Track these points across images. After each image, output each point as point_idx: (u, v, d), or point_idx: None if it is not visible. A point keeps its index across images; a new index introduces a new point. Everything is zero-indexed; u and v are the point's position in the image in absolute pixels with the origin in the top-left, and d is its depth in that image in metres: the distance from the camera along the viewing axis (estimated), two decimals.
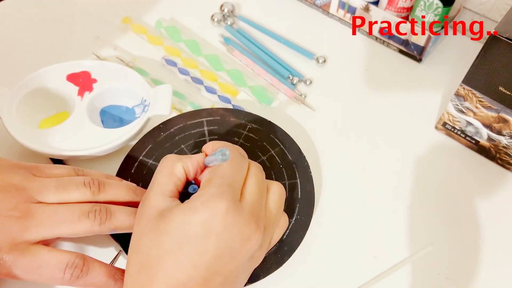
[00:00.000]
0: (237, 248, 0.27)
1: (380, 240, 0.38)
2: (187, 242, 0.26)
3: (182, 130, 0.41)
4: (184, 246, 0.26)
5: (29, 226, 0.30)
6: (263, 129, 0.42)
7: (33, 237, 0.30)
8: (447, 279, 0.36)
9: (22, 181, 0.31)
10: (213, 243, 0.26)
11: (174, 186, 0.30)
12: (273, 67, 0.50)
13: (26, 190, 0.31)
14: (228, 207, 0.27)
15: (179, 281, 0.26)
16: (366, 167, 0.43)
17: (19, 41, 0.51)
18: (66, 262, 0.30)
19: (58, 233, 0.30)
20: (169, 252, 0.26)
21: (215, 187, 0.28)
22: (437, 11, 0.49)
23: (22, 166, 0.33)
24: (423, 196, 0.41)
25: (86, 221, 0.30)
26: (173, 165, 0.30)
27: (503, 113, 0.39)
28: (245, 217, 0.27)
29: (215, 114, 0.43)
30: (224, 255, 0.26)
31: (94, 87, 0.42)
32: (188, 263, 0.26)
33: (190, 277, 0.26)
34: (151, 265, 0.26)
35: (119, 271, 0.32)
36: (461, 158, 0.44)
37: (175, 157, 0.31)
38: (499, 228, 0.40)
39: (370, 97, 0.49)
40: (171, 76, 0.49)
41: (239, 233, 0.27)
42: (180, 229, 0.26)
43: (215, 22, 0.54)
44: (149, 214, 0.28)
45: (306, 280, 0.36)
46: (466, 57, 0.48)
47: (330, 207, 0.40)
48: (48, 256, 0.30)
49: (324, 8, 0.56)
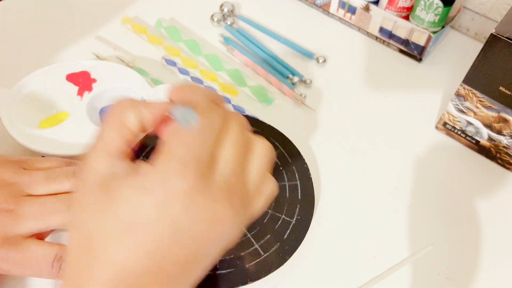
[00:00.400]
0: (202, 232, 0.22)
1: (380, 240, 0.38)
2: (138, 227, 0.21)
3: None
4: (134, 231, 0.21)
5: (19, 219, 0.29)
6: (262, 132, 0.42)
7: (25, 230, 0.30)
8: (447, 279, 0.36)
9: (12, 175, 0.31)
10: (171, 228, 0.21)
11: (123, 142, 0.23)
12: (273, 67, 0.50)
13: (16, 184, 0.31)
14: (190, 186, 0.21)
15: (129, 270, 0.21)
16: (366, 167, 0.43)
17: (19, 41, 0.51)
18: (53, 255, 0.29)
19: (50, 224, 0.30)
20: (116, 236, 0.21)
21: (176, 160, 0.21)
22: (437, 11, 0.48)
23: (12, 160, 0.33)
24: (423, 196, 0.41)
25: None
26: (122, 113, 0.23)
27: (504, 113, 0.39)
28: (215, 196, 0.22)
29: None
30: (185, 241, 0.22)
31: (93, 87, 0.42)
32: (139, 250, 0.21)
33: (143, 267, 0.21)
34: (93, 247, 0.21)
35: None
36: (461, 158, 0.44)
37: (128, 101, 0.24)
38: (499, 228, 0.39)
39: (370, 97, 0.49)
40: (171, 76, 0.49)
41: (205, 216, 0.22)
42: (129, 212, 0.21)
43: (215, 22, 0.54)
44: (90, 182, 0.22)
45: (306, 280, 0.36)
46: (466, 57, 0.48)
47: (330, 208, 0.40)
48: (36, 249, 0.29)
49: (324, 7, 0.56)
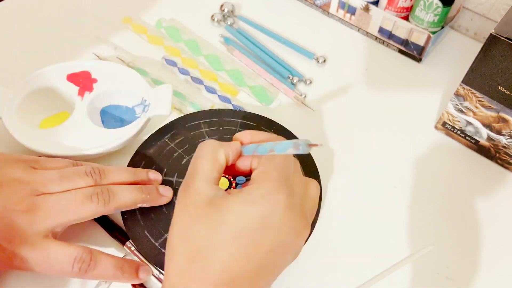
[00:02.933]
0: (289, 242, 0.27)
1: (380, 240, 0.38)
2: (245, 234, 0.25)
3: (182, 132, 0.41)
4: (241, 238, 0.25)
5: (35, 218, 0.30)
6: (267, 129, 0.42)
7: (42, 229, 0.30)
8: (447, 279, 0.36)
9: (24, 175, 0.32)
10: (270, 236, 0.26)
11: (218, 174, 0.29)
12: (273, 67, 0.50)
13: (29, 183, 0.31)
14: (287, 202, 0.26)
15: (233, 272, 0.25)
16: (366, 167, 0.43)
17: (19, 41, 0.51)
18: (74, 257, 0.30)
19: (65, 220, 0.31)
20: (225, 243, 0.25)
21: (274, 180, 0.27)
22: (437, 11, 0.49)
23: (21, 159, 0.33)
24: (423, 196, 0.41)
25: (90, 204, 0.31)
26: (215, 151, 0.29)
27: (503, 113, 0.39)
28: (298, 213, 0.27)
29: (215, 115, 0.43)
30: (277, 249, 0.26)
31: (94, 87, 0.42)
32: (243, 255, 0.25)
33: (243, 270, 0.25)
34: (204, 254, 0.25)
35: (126, 263, 0.32)
36: (461, 157, 0.44)
37: (216, 143, 0.30)
38: (499, 228, 0.40)
39: (370, 97, 0.49)
40: (171, 76, 0.49)
41: (294, 228, 0.27)
42: (239, 220, 0.26)
43: (215, 22, 0.54)
44: (198, 201, 0.27)
45: (306, 279, 0.36)
46: (466, 57, 0.48)
47: (330, 208, 0.40)
48: (56, 250, 0.30)
49: (324, 8, 0.56)
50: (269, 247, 0.26)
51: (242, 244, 0.25)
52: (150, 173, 0.37)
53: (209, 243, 0.25)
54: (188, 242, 0.26)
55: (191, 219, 0.26)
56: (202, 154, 0.29)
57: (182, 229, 0.27)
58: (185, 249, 0.26)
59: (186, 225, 0.27)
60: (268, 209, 0.26)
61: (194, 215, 0.26)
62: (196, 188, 0.27)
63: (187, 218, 0.27)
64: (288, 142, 0.27)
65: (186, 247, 0.26)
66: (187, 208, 0.27)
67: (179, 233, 0.27)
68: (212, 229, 0.26)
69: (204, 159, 0.29)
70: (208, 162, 0.28)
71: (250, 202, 0.26)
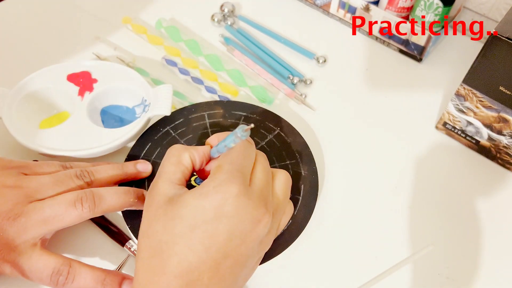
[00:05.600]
0: (247, 230, 0.27)
1: (381, 240, 0.38)
2: (199, 226, 0.26)
3: (186, 123, 0.42)
4: (196, 230, 0.26)
5: (22, 227, 0.30)
6: (269, 123, 0.42)
7: (29, 237, 0.30)
8: (447, 279, 0.36)
9: (17, 181, 0.31)
10: (225, 225, 0.27)
11: (181, 175, 0.30)
12: (273, 67, 0.50)
13: (22, 189, 0.31)
14: (239, 190, 0.27)
15: (191, 264, 0.26)
16: (366, 167, 0.43)
17: (19, 41, 0.51)
18: (52, 269, 0.30)
19: (52, 228, 0.31)
20: (181, 236, 0.26)
21: (226, 172, 0.28)
22: (437, 11, 0.49)
23: (11, 165, 0.33)
24: (424, 196, 0.41)
25: (75, 210, 0.31)
26: (180, 154, 0.31)
27: (504, 113, 0.39)
28: (255, 201, 0.28)
29: (217, 107, 0.43)
30: (235, 238, 0.27)
31: (94, 87, 0.42)
32: (200, 246, 0.26)
33: (202, 260, 0.26)
34: (163, 249, 0.26)
35: (109, 276, 0.32)
36: (462, 158, 0.44)
37: (182, 147, 0.31)
38: (500, 228, 0.40)
39: (370, 97, 0.49)
40: (171, 76, 0.49)
41: (250, 216, 0.27)
42: (192, 214, 0.27)
43: (215, 22, 0.54)
44: (159, 201, 0.28)
45: (306, 279, 0.36)
46: (466, 57, 0.48)
47: (330, 208, 0.40)
48: (37, 260, 0.30)
49: (324, 8, 0.56)
50: (226, 235, 0.27)
51: (197, 235, 0.26)
52: (138, 165, 0.37)
53: (167, 238, 0.27)
54: (149, 239, 0.27)
55: (152, 217, 0.28)
56: (168, 157, 0.31)
57: (144, 228, 0.28)
58: (147, 246, 0.27)
59: (147, 224, 0.28)
60: (220, 199, 0.27)
61: (154, 214, 0.28)
62: (158, 189, 0.29)
63: (149, 217, 0.28)
64: (231, 134, 0.29)
65: (148, 244, 0.27)
66: (150, 208, 0.29)
67: (143, 232, 0.28)
68: (169, 224, 0.27)
69: (168, 162, 0.30)
70: (172, 164, 0.30)
71: (203, 194, 0.27)
